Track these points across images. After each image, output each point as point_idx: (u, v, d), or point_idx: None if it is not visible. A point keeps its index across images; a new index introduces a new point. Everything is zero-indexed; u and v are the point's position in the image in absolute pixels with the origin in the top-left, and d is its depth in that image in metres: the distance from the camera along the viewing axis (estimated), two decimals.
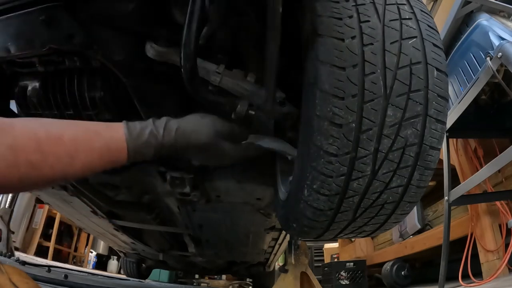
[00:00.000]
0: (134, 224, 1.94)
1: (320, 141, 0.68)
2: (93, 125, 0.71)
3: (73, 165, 0.64)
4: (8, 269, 0.62)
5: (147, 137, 0.73)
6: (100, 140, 0.68)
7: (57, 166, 0.62)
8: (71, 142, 0.64)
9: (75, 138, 0.65)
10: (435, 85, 0.70)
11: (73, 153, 0.64)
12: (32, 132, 0.61)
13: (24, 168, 0.58)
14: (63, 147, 0.63)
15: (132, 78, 0.95)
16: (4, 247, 3.14)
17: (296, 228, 0.84)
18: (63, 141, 0.63)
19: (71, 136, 0.65)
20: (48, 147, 0.61)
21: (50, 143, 0.62)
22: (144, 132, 0.74)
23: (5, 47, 0.88)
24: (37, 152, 0.60)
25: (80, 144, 0.65)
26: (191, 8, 0.74)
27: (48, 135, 0.63)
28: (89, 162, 0.66)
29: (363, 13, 0.72)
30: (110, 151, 0.69)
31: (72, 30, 0.84)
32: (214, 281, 6.26)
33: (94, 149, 0.67)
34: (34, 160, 0.59)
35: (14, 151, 0.57)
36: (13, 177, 0.58)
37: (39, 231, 5.88)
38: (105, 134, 0.70)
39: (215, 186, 1.42)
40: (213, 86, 0.86)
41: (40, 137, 0.61)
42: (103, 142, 0.68)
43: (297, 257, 2.23)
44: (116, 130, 0.71)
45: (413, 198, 0.76)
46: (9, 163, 0.57)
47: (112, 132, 0.71)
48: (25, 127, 0.61)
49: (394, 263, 3.60)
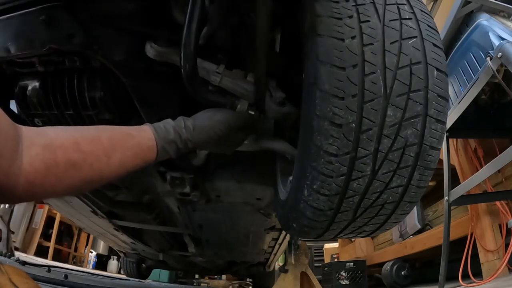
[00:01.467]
0: (134, 224, 1.94)
1: (320, 141, 0.68)
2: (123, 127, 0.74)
3: (110, 164, 0.66)
4: (8, 269, 0.62)
5: (173, 136, 0.79)
6: (132, 140, 0.72)
7: (96, 165, 0.64)
8: (108, 142, 0.67)
9: (111, 138, 0.68)
10: (435, 85, 0.70)
11: (110, 152, 0.66)
12: (69, 134, 0.63)
13: (64, 167, 0.58)
14: (101, 146, 0.65)
15: (132, 78, 0.95)
16: (4, 247, 3.14)
17: (296, 228, 0.84)
18: (101, 141, 0.66)
19: (107, 137, 0.68)
20: (87, 146, 0.63)
21: (89, 142, 0.64)
22: (169, 131, 0.79)
23: (5, 47, 0.88)
24: (77, 151, 0.61)
25: (116, 143, 0.68)
26: (191, 8, 0.74)
27: (85, 136, 0.64)
28: (124, 161, 0.69)
29: (363, 13, 0.72)
30: (142, 150, 0.73)
31: (72, 30, 0.84)
32: (214, 281, 6.26)
33: (128, 148, 0.70)
34: (74, 159, 0.60)
35: (52, 150, 0.58)
36: (53, 177, 0.57)
37: (39, 231, 5.88)
38: (136, 135, 0.74)
39: (215, 186, 1.42)
40: (213, 86, 0.86)
41: (78, 137, 0.63)
42: (136, 141, 0.72)
43: (297, 257, 2.23)
44: (145, 131, 0.76)
45: (413, 198, 0.76)
46: (47, 162, 0.56)
47: (142, 132, 0.75)
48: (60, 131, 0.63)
49: (394, 263, 3.60)
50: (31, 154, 0.55)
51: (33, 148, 0.56)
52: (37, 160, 0.56)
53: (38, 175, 0.56)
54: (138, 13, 0.86)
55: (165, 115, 1.05)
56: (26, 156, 0.54)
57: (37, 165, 0.55)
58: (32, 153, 0.55)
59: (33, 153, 0.55)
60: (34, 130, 0.59)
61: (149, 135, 0.75)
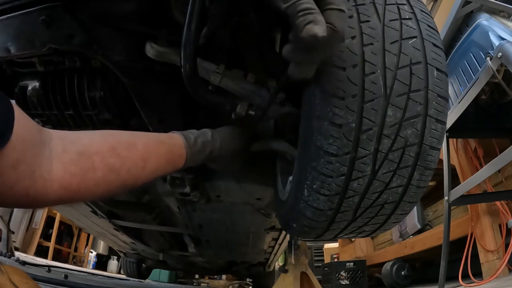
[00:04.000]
0: (134, 224, 1.94)
1: (320, 141, 0.68)
2: (156, 134, 0.77)
3: (145, 169, 0.68)
4: (8, 269, 0.62)
5: (201, 146, 0.83)
6: (165, 147, 0.74)
7: (133, 170, 0.65)
8: (143, 148, 0.68)
9: (146, 144, 0.70)
10: (435, 85, 0.70)
11: (146, 157, 0.68)
12: (103, 139, 0.63)
13: (102, 172, 0.59)
14: (137, 152, 0.67)
15: (132, 78, 0.95)
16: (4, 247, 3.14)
17: (296, 228, 0.84)
18: (137, 147, 0.67)
19: (142, 142, 0.69)
20: (124, 152, 0.64)
21: (125, 148, 0.65)
22: (197, 141, 0.82)
23: (5, 47, 0.88)
24: (114, 156, 0.62)
25: (151, 149, 0.70)
26: (191, 8, 0.74)
27: (121, 141, 0.66)
28: (158, 167, 0.71)
29: (363, 13, 0.72)
30: (174, 157, 0.76)
31: (72, 30, 0.84)
32: (214, 281, 6.26)
33: (162, 155, 0.73)
34: (112, 163, 0.61)
35: (87, 156, 0.58)
36: (90, 181, 0.58)
37: (39, 231, 5.88)
38: (168, 142, 0.76)
39: (215, 186, 1.42)
40: (213, 86, 0.86)
41: (113, 143, 0.64)
42: (168, 148, 0.75)
43: (297, 257, 2.23)
44: (176, 139, 0.79)
45: (413, 198, 0.76)
46: (84, 166, 0.57)
47: (173, 140, 0.78)
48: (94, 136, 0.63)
49: (394, 263, 3.60)
50: (64, 160, 0.55)
51: (67, 154, 0.56)
52: (72, 166, 0.56)
53: (74, 180, 0.56)
54: (138, 13, 0.86)
55: (165, 115, 1.06)
56: (58, 162, 0.54)
57: (72, 170, 0.56)
58: (65, 159, 0.55)
59: (66, 159, 0.55)
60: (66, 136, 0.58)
61: (180, 143, 0.78)
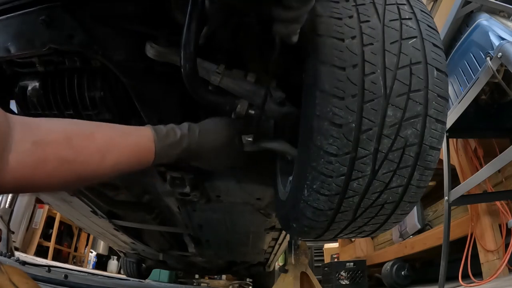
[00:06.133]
0: (134, 224, 1.94)
1: (320, 141, 0.68)
2: (122, 126, 0.71)
3: (103, 163, 0.63)
4: (8, 269, 0.62)
5: (173, 139, 0.75)
6: (129, 140, 0.68)
7: (88, 163, 0.61)
8: (103, 140, 0.64)
9: (106, 135, 0.65)
10: (435, 85, 0.70)
11: (104, 150, 0.63)
12: (61, 129, 0.60)
13: (54, 163, 0.56)
14: (94, 143, 0.62)
15: (132, 78, 0.95)
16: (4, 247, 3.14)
17: (296, 228, 0.84)
18: (95, 138, 0.63)
19: (102, 134, 0.64)
20: (79, 143, 0.60)
21: (82, 139, 0.61)
22: (170, 134, 0.75)
23: (5, 47, 0.88)
24: (68, 148, 0.59)
25: (111, 142, 0.65)
26: (191, 8, 0.74)
27: (79, 131, 0.62)
28: (119, 161, 0.66)
29: (363, 13, 0.72)
30: (139, 152, 0.70)
31: (72, 30, 0.84)
32: (214, 281, 6.26)
33: (124, 148, 0.67)
34: (64, 155, 0.58)
35: (42, 146, 0.56)
36: (41, 173, 0.56)
37: (39, 231, 5.88)
38: (134, 134, 0.70)
39: (215, 186, 1.42)
40: (213, 86, 0.86)
41: (71, 133, 0.60)
42: (133, 141, 0.69)
43: (297, 257, 2.23)
44: (145, 131, 0.72)
45: (413, 198, 0.76)
46: (36, 159, 0.55)
47: (140, 132, 0.71)
48: (53, 125, 0.60)
49: (394, 263, 3.60)
50: (19, 150, 0.54)
51: (23, 143, 0.54)
52: (25, 157, 0.54)
53: (26, 171, 0.54)
54: (138, 13, 0.86)
55: (165, 115, 1.05)
56: (15, 151, 0.53)
57: (25, 161, 0.54)
58: (20, 149, 0.54)
59: (22, 149, 0.54)
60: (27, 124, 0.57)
61: (148, 136, 0.72)
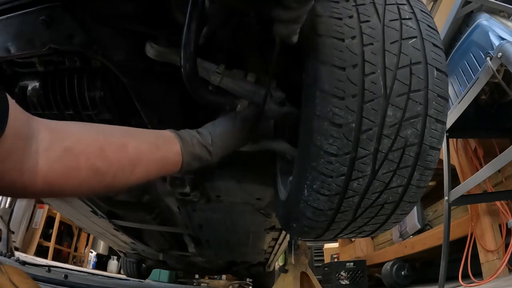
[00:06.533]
0: (134, 224, 1.94)
1: (320, 141, 0.68)
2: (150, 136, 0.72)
3: (134, 174, 0.65)
4: (8, 269, 0.62)
5: (199, 152, 0.78)
6: (159, 153, 0.70)
7: (120, 175, 0.62)
8: (135, 152, 0.65)
9: (137, 148, 0.66)
10: (435, 85, 0.70)
11: (136, 162, 0.65)
12: (93, 137, 0.60)
13: (86, 173, 0.57)
14: (127, 155, 0.63)
15: (132, 78, 0.95)
16: (4, 247, 3.14)
17: (296, 228, 0.84)
18: (127, 150, 0.64)
19: (134, 146, 0.65)
20: (112, 154, 0.61)
21: (115, 150, 0.61)
22: (195, 147, 0.78)
23: (5, 47, 0.88)
24: (101, 158, 0.59)
25: (142, 154, 0.66)
26: (191, 8, 0.74)
27: (111, 142, 0.62)
28: (148, 172, 0.68)
29: (363, 13, 0.72)
30: (168, 164, 0.72)
31: (72, 30, 0.84)
32: (214, 281, 6.26)
33: (154, 160, 0.69)
34: (98, 166, 0.58)
35: (75, 155, 0.56)
36: (74, 181, 0.56)
37: (39, 231, 5.87)
38: (163, 147, 0.72)
39: (215, 186, 1.42)
40: (213, 86, 0.86)
41: (103, 143, 0.60)
42: (162, 154, 0.71)
43: (297, 257, 2.22)
44: (173, 144, 0.74)
45: (413, 198, 0.76)
46: (69, 165, 0.55)
47: (169, 145, 0.73)
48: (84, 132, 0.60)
49: (394, 263, 3.59)
50: (50, 156, 0.54)
51: (53, 150, 0.54)
52: (57, 163, 0.54)
53: (58, 178, 0.55)
54: (138, 13, 0.86)
55: (165, 115, 1.05)
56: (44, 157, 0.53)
57: (56, 167, 0.54)
58: (51, 155, 0.54)
59: (52, 155, 0.54)
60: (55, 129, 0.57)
61: (176, 149, 0.74)
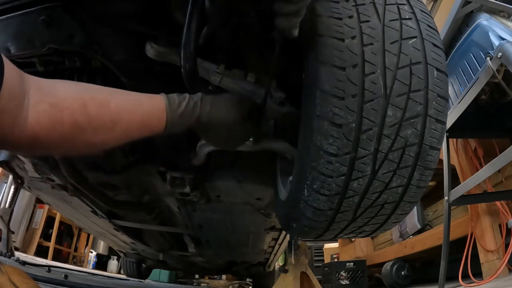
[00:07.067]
0: (134, 224, 1.94)
1: (320, 141, 0.68)
2: (136, 95, 0.73)
3: (114, 131, 0.66)
4: (8, 269, 0.62)
5: (185, 109, 0.76)
6: (142, 109, 0.70)
7: (100, 130, 0.64)
8: (116, 109, 0.66)
9: (120, 105, 0.67)
10: (435, 85, 0.70)
11: (117, 119, 0.66)
12: (78, 94, 0.63)
13: (69, 127, 0.59)
14: (108, 112, 0.65)
15: (132, 78, 0.95)
16: (4, 247, 3.14)
17: (296, 228, 0.84)
18: (109, 107, 0.65)
19: (117, 103, 0.67)
20: (94, 110, 0.63)
21: (97, 106, 0.63)
22: (182, 103, 0.76)
23: (5, 47, 0.88)
24: (83, 114, 0.61)
25: (124, 111, 0.67)
26: (191, 8, 0.74)
27: (94, 99, 0.64)
28: (129, 130, 0.69)
29: (363, 13, 0.72)
30: (151, 121, 0.72)
31: (72, 30, 0.84)
32: (214, 281, 6.25)
33: (136, 117, 0.69)
34: (79, 120, 0.61)
35: (59, 109, 0.59)
36: (56, 135, 0.59)
37: (39, 231, 5.87)
38: (147, 104, 0.72)
39: (215, 186, 1.42)
40: (213, 86, 0.86)
41: (86, 100, 0.63)
42: (145, 111, 0.71)
43: (297, 257, 2.23)
44: (157, 100, 0.74)
45: (413, 198, 0.76)
46: (53, 119, 0.58)
47: (153, 102, 0.73)
48: (70, 90, 0.63)
49: (394, 263, 3.59)
50: (38, 110, 0.57)
51: (41, 104, 0.57)
52: (44, 117, 0.57)
53: (43, 131, 0.58)
54: (138, 13, 0.86)
55: None
56: (33, 111, 0.56)
57: (43, 121, 0.57)
58: (39, 109, 0.57)
59: (40, 109, 0.57)
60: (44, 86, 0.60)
61: (160, 105, 0.73)
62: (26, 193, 5.08)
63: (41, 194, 1.80)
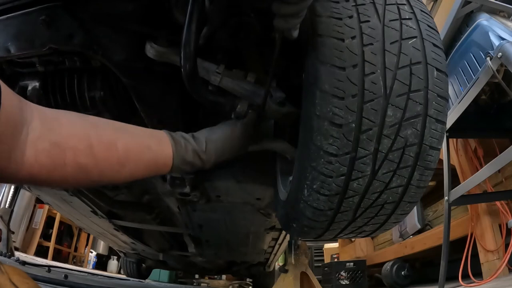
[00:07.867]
0: (134, 224, 1.94)
1: (320, 141, 0.68)
2: (145, 136, 0.71)
3: (121, 173, 0.64)
4: (8, 269, 0.62)
5: (192, 158, 0.77)
6: (149, 154, 0.69)
7: (107, 173, 0.62)
8: (124, 151, 0.64)
9: (127, 147, 0.65)
10: (435, 85, 0.70)
11: (124, 161, 0.64)
12: (83, 133, 0.59)
13: (72, 169, 0.56)
14: (116, 154, 0.62)
15: (132, 78, 0.95)
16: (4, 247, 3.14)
17: (296, 228, 0.84)
18: (117, 148, 0.63)
19: (124, 145, 0.64)
20: (101, 153, 0.60)
21: (104, 148, 0.60)
22: (189, 152, 0.76)
23: (5, 47, 0.88)
24: (89, 156, 0.58)
25: (131, 154, 0.65)
26: (191, 8, 0.74)
27: (101, 139, 0.61)
28: (136, 172, 0.67)
29: (363, 13, 0.72)
30: (157, 165, 0.72)
31: (72, 30, 0.84)
32: (214, 281, 6.26)
33: (143, 161, 0.68)
34: (84, 163, 0.57)
35: (62, 149, 0.55)
36: (58, 176, 0.56)
37: (39, 231, 5.87)
38: (155, 149, 0.71)
39: (215, 186, 1.42)
40: (213, 86, 0.86)
41: (93, 140, 0.59)
42: (152, 155, 0.70)
43: (297, 257, 2.22)
44: (165, 146, 0.73)
45: (413, 198, 0.76)
46: (55, 160, 0.54)
47: (161, 147, 0.72)
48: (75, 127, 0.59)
49: (394, 263, 3.60)
50: (37, 148, 0.53)
51: (41, 142, 0.53)
52: (44, 156, 0.53)
53: (43, 171, 0.54)
54: (138, 13, 0.85)
55: (165, 115, 1.05)
56: (31, 148, 0.52)
57: (43, 160, 0.53)
58: (38, 146, 0.53)
59: (40, 147, 0.53)
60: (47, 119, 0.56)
61: (168, 152, 0.72)
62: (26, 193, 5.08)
63: (41, 194, 1.80)
